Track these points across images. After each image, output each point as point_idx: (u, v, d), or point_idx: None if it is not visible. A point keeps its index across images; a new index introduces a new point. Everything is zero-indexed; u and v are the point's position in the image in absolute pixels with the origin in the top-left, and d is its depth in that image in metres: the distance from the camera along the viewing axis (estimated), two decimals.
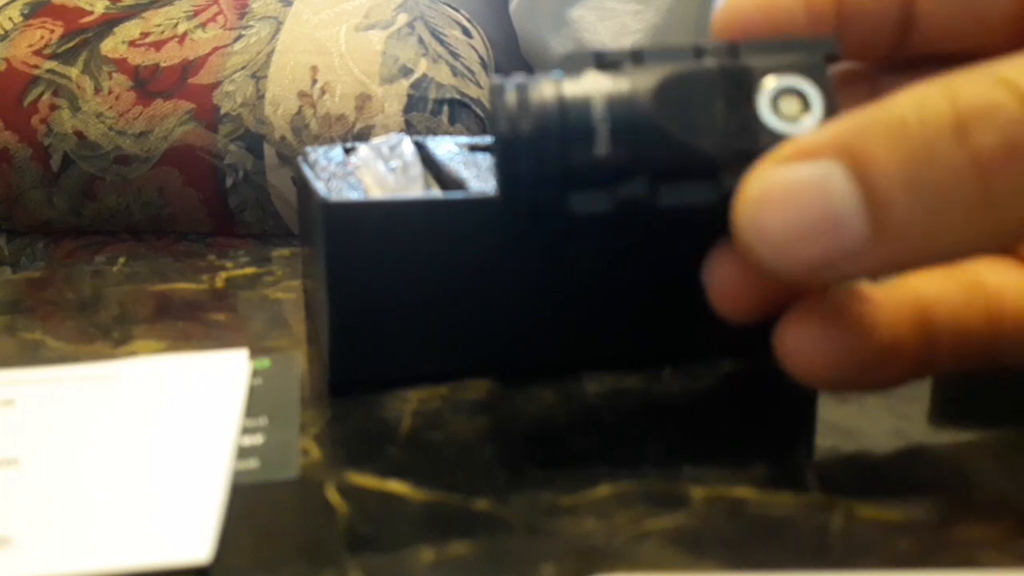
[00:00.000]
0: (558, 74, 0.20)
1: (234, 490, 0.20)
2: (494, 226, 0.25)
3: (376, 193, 0.28)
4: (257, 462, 0.21)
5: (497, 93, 0.20)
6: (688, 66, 0.20)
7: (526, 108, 0.20)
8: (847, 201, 0.17)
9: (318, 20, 0.49)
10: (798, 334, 0.20)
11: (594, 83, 0.20)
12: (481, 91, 0.48)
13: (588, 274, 0.26)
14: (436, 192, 0.29)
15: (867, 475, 0.21)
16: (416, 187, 0.29)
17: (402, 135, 0.31)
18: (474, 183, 0.27)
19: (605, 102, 0.20)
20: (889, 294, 0.21)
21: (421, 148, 0.32)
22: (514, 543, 0.18)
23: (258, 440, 0.22)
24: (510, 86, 0.20)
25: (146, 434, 0.22)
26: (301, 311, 0.33)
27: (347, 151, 0.33)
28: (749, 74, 0.20)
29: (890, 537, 0.18)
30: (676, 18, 0.51)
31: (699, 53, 0.20)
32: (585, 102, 0.20)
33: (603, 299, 0.26)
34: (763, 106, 0.20)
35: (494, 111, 0.20)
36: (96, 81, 0.47)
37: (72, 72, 0.48)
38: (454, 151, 0.31)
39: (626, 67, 0.20)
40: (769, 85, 0.20)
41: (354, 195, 0.26)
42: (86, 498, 0.20)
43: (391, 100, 0.47)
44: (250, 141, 0.46)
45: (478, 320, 0.25)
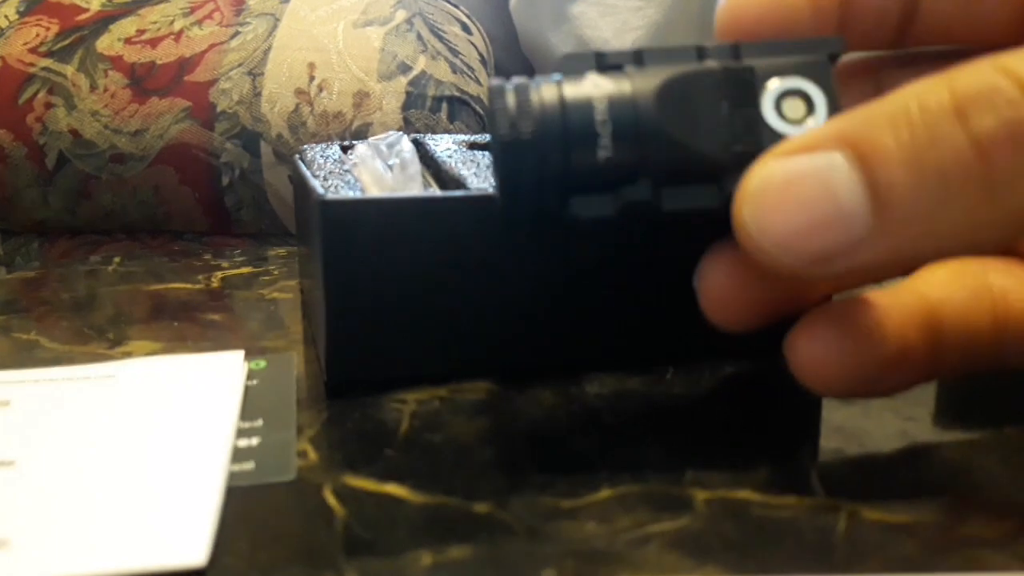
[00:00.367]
0: (558, 75, 0.20)
1: (230, 493, 0.20)
2: (493, 225, 0.24)
3: (374, 191, 0.28)
4: (253, 464, 0.21)
5: (496, 95, 0.19)
6: (690, 67, 0.20)
7: (526, 110, 0.19)
8: (850, 189, 0.17)
9: (315, 16, 0.49)
10: (810, 344, 0.20)
11: (595, 85, 0.20)
12: (481, 88, 0.48)
13: (588, 274, 0.25)
14: (434, 190, 0.29)
15: (871, 477, 0.21)
16: (414, 185, 0.29)
17: (400, 133, 0.31)
18: (473, 181, 0.27)
19: (607, 104, 0.19)
20: (896, 299, 0.21)
21: (420, 146, 0.32)
22: (514, 547, 0.18)
23: (254, 442, 0.22)
24: (510, 87, 0.20)
25: (142, 436, 0.22)
26: (298, 311, 0.33)
27: (344, 149, 0.32)
28: (753, 76, 0.20)
29: (895, 540, 0.18)
30: (678, 15, 0.50)
31: (702, 54, 0.20)
32: (587, 104, 0.19)
33: (604, 299, 0.26)
34: (767, 108, 0.20)
35: (493, 113, 0.19)
36: (92, 79, 0.47)
37: (67, 70, 0.48)
38: (453, 149, 0.31)
39: (628, 68, 0.20)
40: (773, 87, 0.20)
41: (351, 193, 0.26)
42: (82, 500, 0.20)
43: (389, 97, 0.46)
44: (246, 139, 0.46)
45: (477, 320, 0.25)
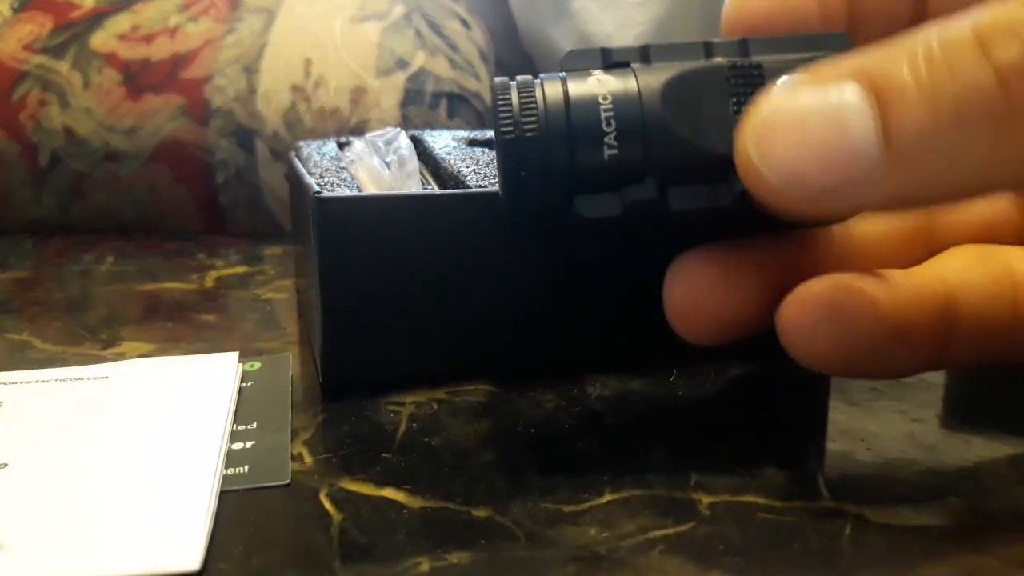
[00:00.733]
0: (563, 73, 0.20)
1: (224, 497, 0.20)
2: (493, 223, 0.24)
3: (371, 189, 0.27)
4: (248, 468, 0.21)
5: (500, 92, 0.19)
6: (697, 64, 0.20)
7: (530, 108, 0.19)
8: (863, 123, 0.16)
9: (312, 12, 0.48)
10: (800, 314, 0.19)
11: (601, 82, 0.19)
12: (480, 85, 0.48)
13: (589, 272, 0.25)
14: (433, 188, 0.28)
15: (878, 481, 0.21)
16: (412, 183, 0.28)
17: (398, 129, 0.31)
18: (473, 178, 0.26)
19: (612, 102, 0.19)
20: (909, 278, 0.20)
21: (418, 143, 0.32)
22: (514, 552, 0.18)
23: (249, 445, 0.22)
24: (513, 85, 0.20)
25: (135, 439, 0.22)
26: (293, 311, 0.32)
27: (341, 146, 0.32)
28: (760, 72, 0.19)
29: (902, 544, 0.18)
30: (681, 10, 0.50)
31: (709, 50, 0.20)
32: (592, 102, 0.19)
33: (605, 298, 0.25)
34: None
35: (496, 112, 0.19)
36: (86, 76, 0.47)
37: (62, 67, 0.47)
38: (452, 146, 0.31)
39: (634, 65, 0.20)
40: None
41: (347, 191, 0.26)
42: (75, 504, 0.19)
43: (387, 94, 0.46)
44: (242, 136, 0.45)
45: (476, 320, 0.25)
